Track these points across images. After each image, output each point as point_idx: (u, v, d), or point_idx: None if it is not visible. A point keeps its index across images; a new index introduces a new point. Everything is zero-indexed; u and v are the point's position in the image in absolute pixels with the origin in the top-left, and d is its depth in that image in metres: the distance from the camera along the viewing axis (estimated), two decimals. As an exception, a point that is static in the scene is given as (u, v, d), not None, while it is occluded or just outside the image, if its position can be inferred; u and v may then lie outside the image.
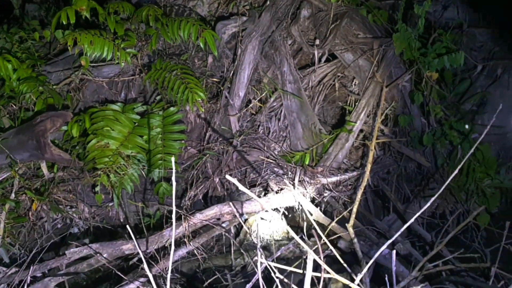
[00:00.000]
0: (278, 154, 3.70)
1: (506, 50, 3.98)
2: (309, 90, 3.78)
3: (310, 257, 2.10)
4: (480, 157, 3.44)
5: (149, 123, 3.51)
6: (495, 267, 2.46)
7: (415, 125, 3.61)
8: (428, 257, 2.93)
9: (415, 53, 3.37)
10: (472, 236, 3.65)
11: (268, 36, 3.71)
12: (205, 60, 3.90)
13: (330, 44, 3.62)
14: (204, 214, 3.17)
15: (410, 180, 3.74)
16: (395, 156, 3.69)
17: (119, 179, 3.39)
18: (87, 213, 3.68)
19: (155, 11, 3.63)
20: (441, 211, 3.67)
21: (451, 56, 3.29)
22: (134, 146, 3.47)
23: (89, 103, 3.82)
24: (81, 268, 3.04)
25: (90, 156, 3.41)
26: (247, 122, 3.80)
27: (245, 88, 3.72)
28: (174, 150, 3.50)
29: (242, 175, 3.71)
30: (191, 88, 3.38)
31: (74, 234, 3.65)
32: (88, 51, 3.41)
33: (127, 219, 3.65)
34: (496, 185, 3.52)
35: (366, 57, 3.61)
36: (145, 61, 3.86)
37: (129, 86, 3.91)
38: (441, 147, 3.53)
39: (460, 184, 3.53)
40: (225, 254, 3.59)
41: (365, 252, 3.20)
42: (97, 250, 3.00)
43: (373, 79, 3.56)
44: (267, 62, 3.78)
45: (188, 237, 3.15)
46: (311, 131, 3.70)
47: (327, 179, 3.52)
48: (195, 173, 3.67)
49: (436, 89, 3.47)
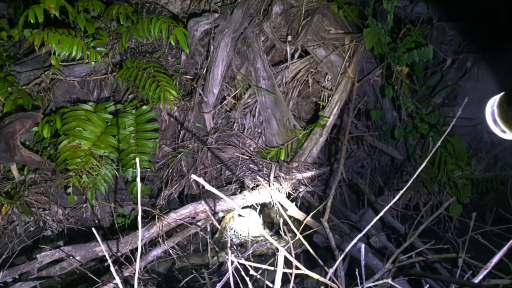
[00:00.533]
0: (253, 150, 3.70)
1: (475, 44, 4.05)
2: (283, 86, 3.78)
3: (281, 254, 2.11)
4: (450, 149, 3.50)
5: (122, 122, 3.47)
6: (462, 257, 2.50)
7: (387, 119, 3.65)
8: (401, 249, 2.97)
9: (385, 48, 3.40)
10: (445, 227, 3.71)
11: (240, 32, 3.70)
12: (179, 57, 3.87)
13: (302, 40, 3.63)
14: (178, 213, 3.15)
15: (384, 173, 3.79)
16: (369, 150, 3.73)
17: (92, 179, 3.35)
18: (60, 215, 3.63)
19: (126, 9, 3.59)
20: (415, 203, 3.73)
21: (421, 50, 3.33)
22: (107, 146, 3.43)
23: (60, 103, 3.76)
24: (53, 271, 3.00)
25: (62, 157, 3.36)
26: (221, 119, 3.79)
27: (219, 85, 3.71)
28: (148, 149, 3.47)
29: (218, 173, 3.70)
30: (163, 86, 3.36)
31: (48, 237, 3.59)
32: (56, 51, 3.35)
33: (101, 220, 3.61)
34: (467, 176, 3.59)
35: (338, 53, 3.63)
36: (117, 60, 3.81)
37: (101, 85, 3.86)
38: (412, 140, 3.58)
39: (432, 176, 3.59)
40: (202, 252, 3.58)
41: (341, 246, 3.22)
42: (70, 253, 2.95)
43: (345, 74, 3.58)
44: (241, 59, 3.77)
45: (163, 237, 3.13)
46: (286, 127, 3.71)
47: (302, 174, 3.53)
48: (170, 171, 3.65)
49: (407, 83, 3.51)
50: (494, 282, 2.84)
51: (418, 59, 3.38)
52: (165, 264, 3.48)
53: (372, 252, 3.24)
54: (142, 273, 3.25)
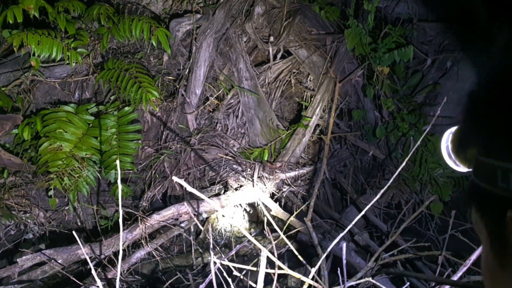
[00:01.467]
0: (237, 151, 3.71)
1: (455, 44, 4.10)
2: (265, 86, 3.80)
3: (263, 254, 2.12)
4: (431, 147, 3.54)
5: (104, 124, 3.45)
6: (443, 255, 2.54)
7: (368, 118, 3.68)
8: (383, 248, 3.00)
9: (367, 49, 3.44)
10: (427, 225, 3.76)
11: (222, 33, 3.70)
12: (161, 58, 3.85)
13: (284, 41, 3.65)
14: (161, 214, 3.14)
15: (366, 172, 3.82)
16: (351, 149, 3.77)
17: (74, 182, 3.32)
18: (42, 218, 3.59)
19: (107, 10, 3.56)
20: (397, 201, 3.77)
21: (401, 50, 3.37)
22: (89, 148, 3.40)
23: (41, 104, 3.72)
24: (35, 275, 2.96)
25: (43, 159, 3.32)
26: (204, 119, 3.79)
27: (201, 86, 3.70)
28: (130, 150, 3.45)
29: (201, 173, 3.70)
30: (145, 87, 3.34)
31: (29, 240, 3.55)
32: (36, 52, 3.30)
33: (84, 223, 3.58)
34: (448, 174, 3.64)
35: (319, 53, 3.65)
36: (99, 61, 3.78)
37: (82, 86, 3.82)
38: (394, 139, 3.62)
39: (414, 174, 3.63)
40: (186, 253, 3.57)
41: (324, 245, 3.25)
42: (51, 256, 2.92)
43: (327, 75, 3.61)
44: (223, 60, 3.77)
45: (146, 239, 3.12)
46: (269, 127, 3.72)
47: (286, 174, 3.55)
48: (153, 173, 3.64)
49: (388, 83, 3.55)
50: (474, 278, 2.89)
51: (398, 59, 3.41)
52: (149, 266, 3.47)
53: (355, 251, 3.27)
54: (126, 275, 3.23)
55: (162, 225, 3.28)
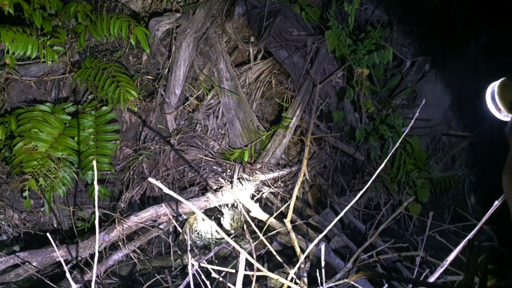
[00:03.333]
0: (217, 152, 3.68)
1: (433, 47, 4.16)
2: (246, 87, 3.78)
3: (242, 256, 2.10)
4: (410, 149, 3.58)
5: (81, 124, 3.39)
6: (420, 256, 2.57)
7: (348, 120, 3.70)
8: (362, 249, 3.02)
9: (347, 50, 3.45)
10: (405, 226, 3.80)
11: (203, 33, 3.67)
12: (140, 57, 3.81)
13: (265, 42, 3.64)
14: (139, 216, 3.09)
15: (346, 173, 3.84)
16: (331, 150, 3.78)
17: (50, 182, 3.25)
18: (16, 219, 3.51)
19: (84, 7, 3.49)
20: (375, 202, 3.79)
21: (380, 52, 3.40)
22: (65, 148, 3.34)
23: (15, 103, 3.63)
24: (8, 278, 2.89)
25: (17, 159, 3.25)
26: (184, 120, 3.75)
27: (181, 86, 3.67)
28: (108, 151, 3.40)
29: (180, 175, 3.66)
30: (123, 87, 3.29)
31: (3, 242, 3.46)
32: (10, 49, 3.22)
33: (60, 224, 3.51)
34: (426, 176, 3.68)
35: (300, 54, 3.65)
36: (76, 59, 3.71)
37: (59, 85, 3.74)
38: (373, 141, 3.64)
39: (392, 176, 3.67)
40: (165, 255, 3.53)
41: (304, 247, 3.24)
42: (26, 259, 2.85)
43: (307, 76, 3.61)
44: (203, 59, 3.74)
45: (123, 241, 3.07)
46: (249, 128, 3.71)
47: (266, 176, 3.54)
48: (131, 174, 3.59)
49: (367, 85, 3.58)
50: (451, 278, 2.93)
51: (378, 61, 3.44)
52: (126, 268, 3.41)
53: (334, 251, 3.28)
54: (103, 277, 3.17)
55: (140, 227, 3.23)
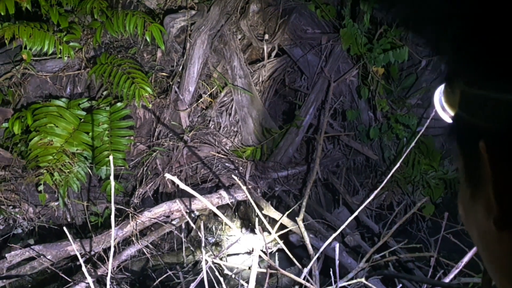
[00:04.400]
0: (229, 149, 3.69)
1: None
2: (259, 85, 3.78)
3: (255, 253, 2.11)
4: (424, 149, 3.55)
5: (96, 119, 3.41)
6: (435, 256, 2.55)
7: (362, 119, 3.68)
8: (375, 248, 3.00)
9: (362, 49, 3.43)
10: (418, 227, 3.77)
11: (217, 30, 3.67)
12: (154, 54, 3.82)
13: (279, 39, 3.63)
14: (152, 212, 3.11)
15: (359, 172, 3.82)
16: (344, 149, 3.76)
17: (65, 177, 3.29)
18: (31, 213, 3.54)
19: (100, 4, 3.51)
20: (389, 202, 3.77)
21: (396, 51, 3.37)
22: (80, 143, 3.37)
23: (32, 98, 3.67)
24: (23, 271, 2.92)
25: (33, 154, 3.28)
26: (197, 117, 3.76)
27: (195, 83, 3.67)
28: (122, 146, 3.42)
29: (193, 171, 3.67)
30: (138, 83, 3.31)
31: (18, 235, 3.51)
32: (27, 45, 3.26)
33: (74, 219, 3.54)
34: (440, 176, 3.65)
35: (314, 52, 3.64)
36: (91, 55, 3.74)
37: (74, 81, 3.78)
38: (387, 140, 3.62)
39: (406, 176, 3.64)
40: (177, 251, 3.55)
41: (316, 246, 3.24)
42: (40, 252, 2.88)
43: (321, 74, 3.60)
44: (217, 57, 3.74)
45: (137, 236, 3.09)
46: (262, 126, 3.71)
47: (278, 174, 3.54)
48: (145, 170, 3.61)
49: (382, 83, 3.55)
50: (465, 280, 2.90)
51: (393, 60, 3.41)
52: (139, 263, 3.44)
53: (347, 251, 3.27)
54: (116, 272, 3.20)
55: (153, 222, 3.25)
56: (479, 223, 0.43)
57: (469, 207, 0.44)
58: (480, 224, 0.43)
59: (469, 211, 0.45)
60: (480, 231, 0.44)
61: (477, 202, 0.43)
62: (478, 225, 0.43)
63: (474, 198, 0.43)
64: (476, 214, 0.43)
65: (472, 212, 0.44)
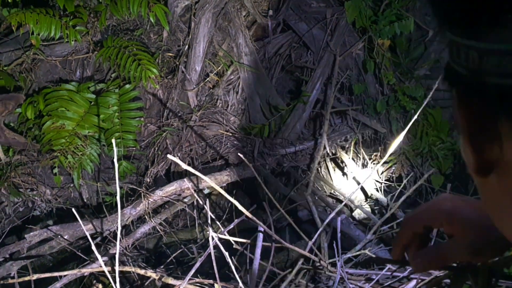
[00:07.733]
0: (237, 127, 3.73)
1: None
2: (265, 61, 3.78)
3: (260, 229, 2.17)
4: (432, 121, 3.54)
5: (105, 102, 3.48)
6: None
7: (369, 92, 3.67)
8: (383, 220, 3.04)
9: (367, 21, 3.40)
10: (427, 198, 3.79)
11: (221, 8, 3.66)
12: (161, 34, 3.84)
13: (283, 15, 3.61)
14: (164, 190, 3.20)
15: (367, 146, 3.83)
16: (352, 123, 3.76)
17: (78, 159, 3.38)
18: (49, 195, 3.67)
19: (104, -14, 3.54)
20: (397, 175, 3.79)
21: (401, 23, 3.33)
22: (91, 126, 3.45)
23: (42, 83, 3.74)
24: (43, 250, 3.05)
25: (46, 138, 3.38)
26: (205, 96, 3.80)
27: (201, 62, 3.70)
28: (132, 128, 3.49)
29: (203, 150, 3.74)
30: (144, 65, 3.35)
31: (37, 217, 3.64)
32: (34, 31, 3.31)
33: (89, 199, 3.65)
34: (448, 147, 3.64)
35: (319, 27, 3.62)
36: (98, 38, 3.78)
37: (83, 64, 3.83)
38: (395, 113, 3.61)
39: (414, 148, 3.64)
40: (190, 228, 3.64)
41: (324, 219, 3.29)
42: (58, 232, 3.01)
43: (327, 49, 3.58)
44: (222, 35, 3.75)
45: (149, 214, 3.19)
46: (269, 103, 3.73)
47: (286, 150, 3.58)
48: (156, 150, 3.68)
49: (388, 56, 3.52)
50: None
51: (399, 31, 3.38)
52: (154, 240, 3.55)
53: (354, 223, 3.32)
54: (130, 250, 3.31)
55: (166, 201, 3.34)
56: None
57: (465, 155, 0.43)
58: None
59: (466, 160, 0.43)
60: (476, 179, 0.43)
61: (466, 151, 0.42)
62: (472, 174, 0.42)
63: (464, 147, 0.42)
64: (464, 153, 0.42)
65: (463, 152, 0.43)
